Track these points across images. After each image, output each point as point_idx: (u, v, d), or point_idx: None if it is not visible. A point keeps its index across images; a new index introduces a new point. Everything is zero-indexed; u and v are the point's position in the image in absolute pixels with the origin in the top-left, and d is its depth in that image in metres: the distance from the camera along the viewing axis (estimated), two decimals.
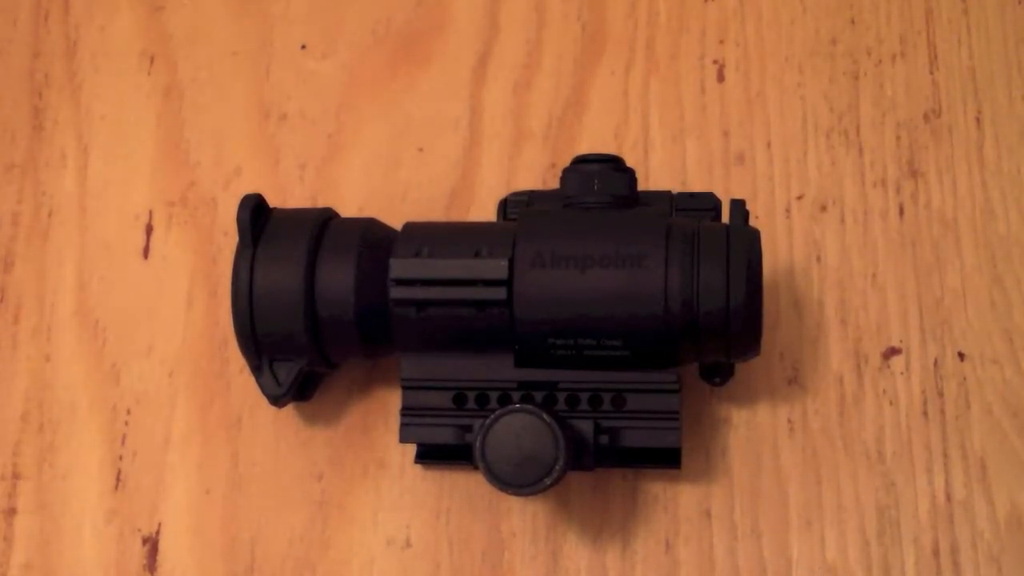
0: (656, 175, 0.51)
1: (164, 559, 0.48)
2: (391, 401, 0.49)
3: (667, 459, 0.44)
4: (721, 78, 0.53)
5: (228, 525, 0.48)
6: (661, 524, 0.46)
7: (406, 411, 0.44)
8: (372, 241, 0.44)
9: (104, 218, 0.53)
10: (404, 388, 0.44)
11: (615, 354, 0.42)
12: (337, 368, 0.47)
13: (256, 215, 0.44)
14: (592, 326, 0.41)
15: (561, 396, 0.43)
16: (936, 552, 0.45)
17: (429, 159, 0.53)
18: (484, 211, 0.51)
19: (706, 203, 0.45)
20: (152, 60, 0.56)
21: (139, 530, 0.48)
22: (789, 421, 0.47)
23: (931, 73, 0.52)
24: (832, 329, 0.48)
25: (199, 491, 0.49)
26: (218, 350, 0.50)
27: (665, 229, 0.42)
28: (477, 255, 0.42)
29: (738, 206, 0.43)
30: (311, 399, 0.48)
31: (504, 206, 0.46)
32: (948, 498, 0.46)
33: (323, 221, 0.45)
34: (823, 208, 0.50)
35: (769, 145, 0.51)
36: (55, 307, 0.52)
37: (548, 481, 0.40)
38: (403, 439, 0.44)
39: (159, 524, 0.48)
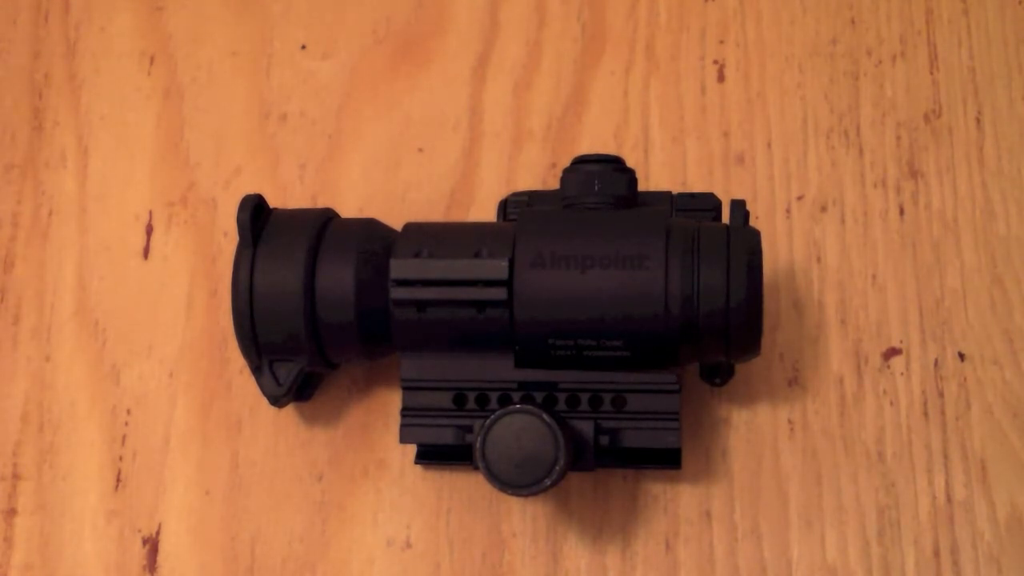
0: (656, 175, 0.51)
1: (164, 559, 0.48)
2: (391, 401, 0.49)
3: (667, 459, 0.44)
4: (721, 78, 0.52)
5: (228, 525, 0.48)
6: (661, 524, 0.46)
7: (406, 411, 0.44)
8: (372, 241, 0.44)
9: (104, 218, 0.53)
10: (404, 388, 0.44)
11: (615, 354, 0.42)
12: (337, 368, 0.47)
13: (256, 215, 0.44)
14: (592, 326, 0.41)
15: (561, 396, 0.43)
16: (936, 552, 0.45)
17: (429, 159, 0.53)
18: (484, 211, 0.51)
19: (706, 203, 0.45)
20: (152, 60, 0.55)
21: (139, 530, 0.48)
22: (789, 422, 0.47)
23: (931, 73, 0.52)
24: (832, 329, 0.48)
25: (199, 491, 0.49)
26: (218, 350, 0.50)
27: (665, 230, 0.41)
28: (477, 255, 0.42)
29: (738, 206, 0.43)
30: (311, 399, 0.48)
31: (504, 206, 0.46)
32: (948, 498, 0.46)
33: (323, 221, 0.45)
34: (823, 208, 0.50)
35: (769, 145, 0.51)
36: (55, 307, 0.52)
37: (548, 482, 0.40)
38: (403, 439, 0.44)
39: (159, 524, 0.48)
